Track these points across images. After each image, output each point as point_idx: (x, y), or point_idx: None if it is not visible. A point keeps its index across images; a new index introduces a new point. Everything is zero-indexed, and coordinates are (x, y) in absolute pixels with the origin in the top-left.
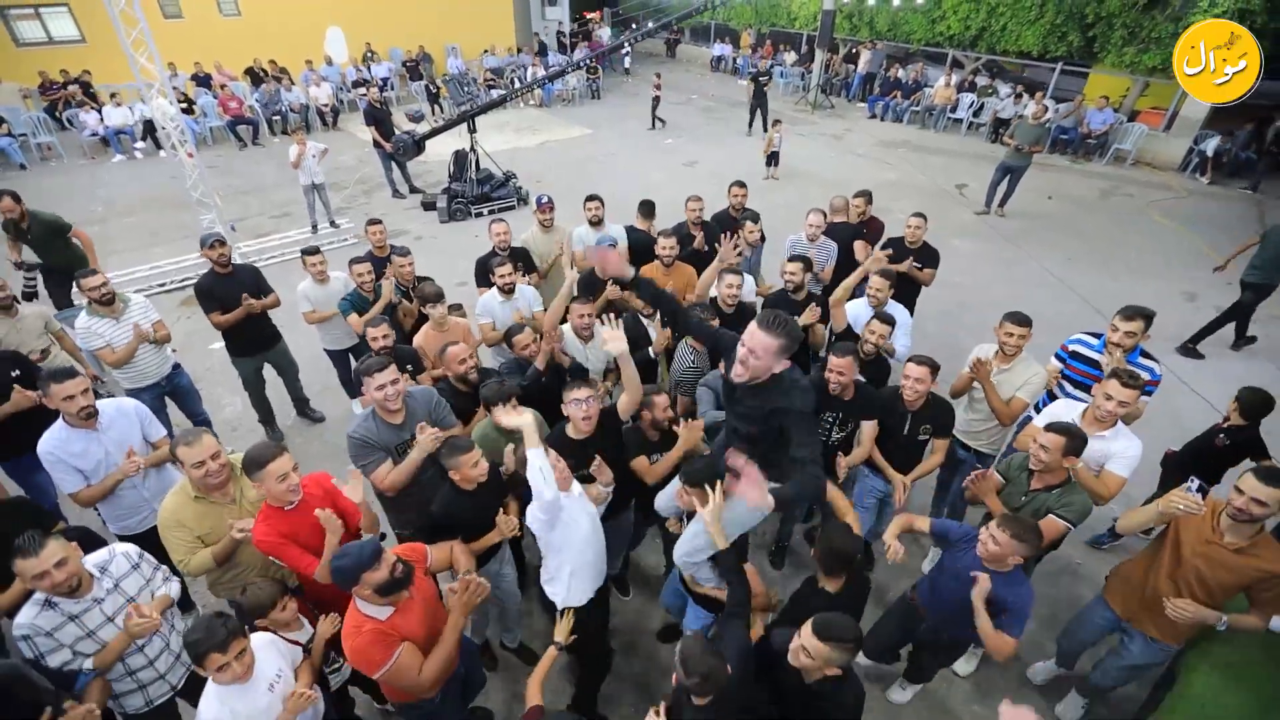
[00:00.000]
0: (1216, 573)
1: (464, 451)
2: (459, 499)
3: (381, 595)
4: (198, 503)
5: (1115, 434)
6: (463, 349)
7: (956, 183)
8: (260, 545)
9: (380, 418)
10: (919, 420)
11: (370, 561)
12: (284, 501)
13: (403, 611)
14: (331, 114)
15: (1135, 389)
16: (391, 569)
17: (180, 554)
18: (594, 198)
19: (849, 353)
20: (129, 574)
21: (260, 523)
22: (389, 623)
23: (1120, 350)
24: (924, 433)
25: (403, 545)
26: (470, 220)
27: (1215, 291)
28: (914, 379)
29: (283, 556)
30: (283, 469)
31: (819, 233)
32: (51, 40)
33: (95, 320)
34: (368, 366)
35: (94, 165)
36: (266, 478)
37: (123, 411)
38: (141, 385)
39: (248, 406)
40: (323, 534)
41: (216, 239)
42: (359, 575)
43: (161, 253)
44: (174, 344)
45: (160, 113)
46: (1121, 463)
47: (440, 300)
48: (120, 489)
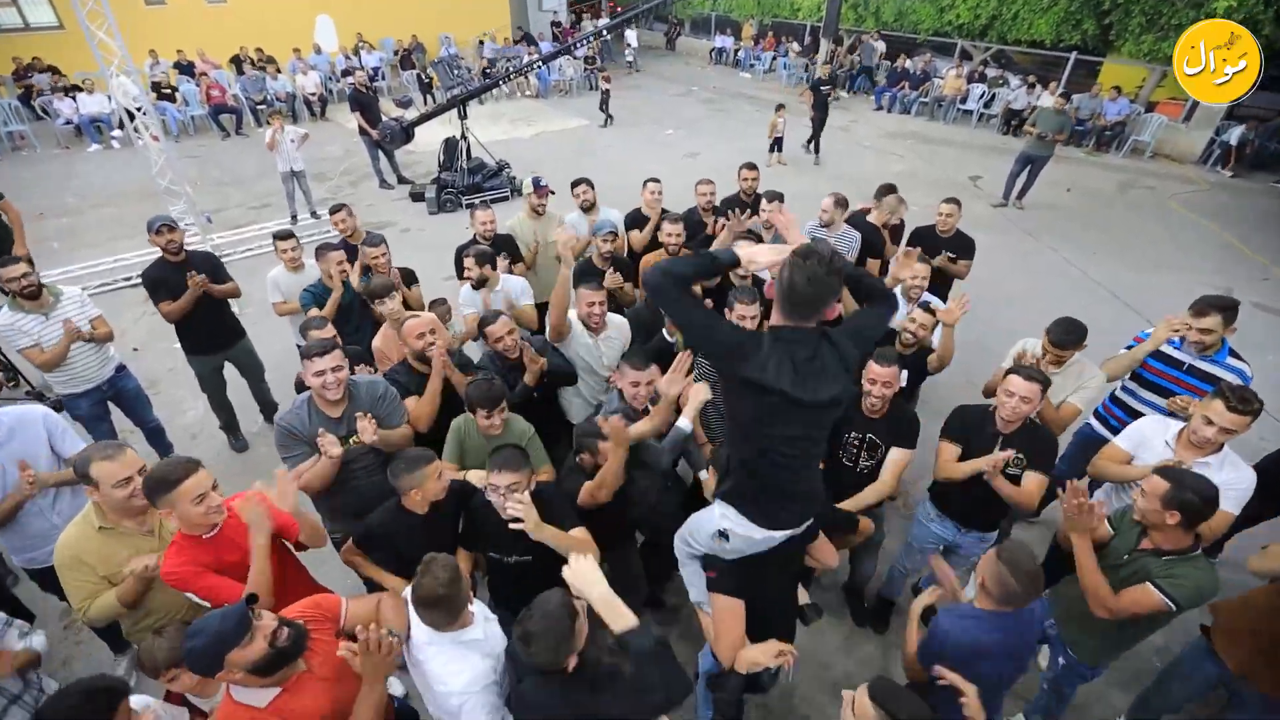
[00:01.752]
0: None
1: (425, 463)
2: (402, 519)
3: (261, 675)
4: (104, 535)
5: (1222, 462)
6: (422, 323)
7: (970, 174)
8: (169, 580)
9: (316, 407)
10: (1009, 446)
11: (235, 636)
12: (202, 527)
13: (294, 690)
14: (319, 103)
15: (1247, 415)
16: (272, 637)
17: (78, 599)
18: (580, 182)
19: (894, 360)
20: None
21: (171, 554)
22: (272, 708)
23: (1199, 348)
24: (1016, 464)
25: (305, 602)
26: (460, 211)
27: (1247, 286)
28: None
29: (199, 590)
30: (198, 488)
31: (832, 218)
32: (28, 26)
33: (19, 316)
34: (309, 349)
35: (69, 155)
36: (179, 500)
37: (25, 421)
38: (79, 390)
39: (210, 411)
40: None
41: (165, 223)
42: (221, 657)
43: (130, 245)
44: (136, 342)
45: (122, 93)
46: (1230, 497)
47: (389, 294)
48: (23, 515)
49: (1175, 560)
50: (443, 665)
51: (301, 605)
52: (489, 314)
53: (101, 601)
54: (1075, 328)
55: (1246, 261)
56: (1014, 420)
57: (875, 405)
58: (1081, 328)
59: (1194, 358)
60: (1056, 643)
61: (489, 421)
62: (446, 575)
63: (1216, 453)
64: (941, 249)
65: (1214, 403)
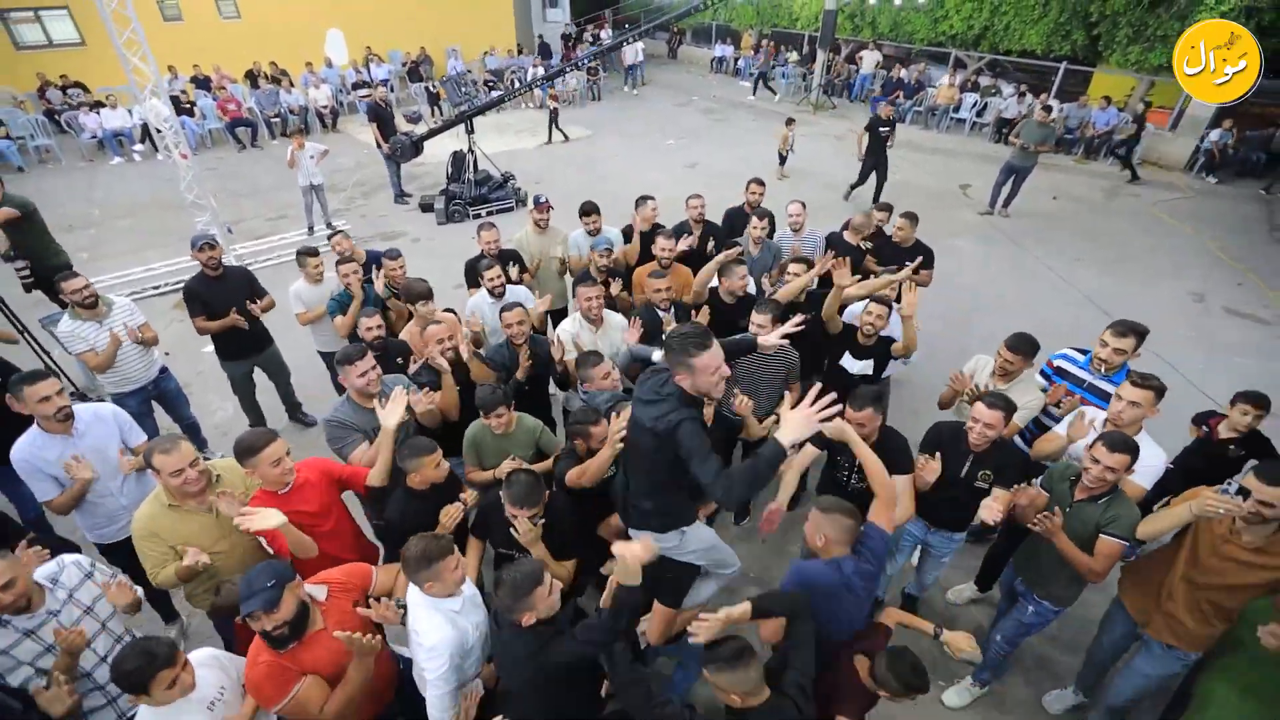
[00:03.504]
0: (1235, 574)
1: (427, 453)
2: (411, 502)
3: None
4: (172, 511)
5: (1139, 442)
6: (443, 329)
7: (960, 183)
8: None
9: (355, 403)
10: (980, 465)
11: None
12: (279, 485)
13: (308, 643)
14: (331, 116)
15: (1148, 389)
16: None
17: (151, 565)
18: (589, 212)
19: (869, 403)
20: (82, 583)
21: (254, 504)
22: (288, 656)
23: (1105, 367)
24: (983, 479)
25: (344, 569)
26: (468, 222)
27: (1224, 292)
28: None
29: (271, 538)
30: (276, 454)
31: (800, 223)
32: (51, 43)
33: (78, 324)
34: (347, 354)
35: (92, 168)
36: (260, 463)
37: (100, 417)
38: (126, 390)
39: (239, 411)
40: (318, 516)
41: (207, 241)
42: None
43: (155, 255)
44: (166, 347)
45: (154, 114)
46: (1144, 473)
47: (428, 298)
48: (97, 497)
49: (1106, 503)
50: (423, 621)
51: (340, 571)
52: (509, 304)
53: (165, 572)
54: (1029, 341)
55: (1224, 268)
56: (982, 443)
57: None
58: (1034, 343)
59: (1095, 377)
60: (1028, 596)
61: (499, 421)
62: (423, 544)
63: (1136, 434)
64: (904, 259)
65: (1124, 384)
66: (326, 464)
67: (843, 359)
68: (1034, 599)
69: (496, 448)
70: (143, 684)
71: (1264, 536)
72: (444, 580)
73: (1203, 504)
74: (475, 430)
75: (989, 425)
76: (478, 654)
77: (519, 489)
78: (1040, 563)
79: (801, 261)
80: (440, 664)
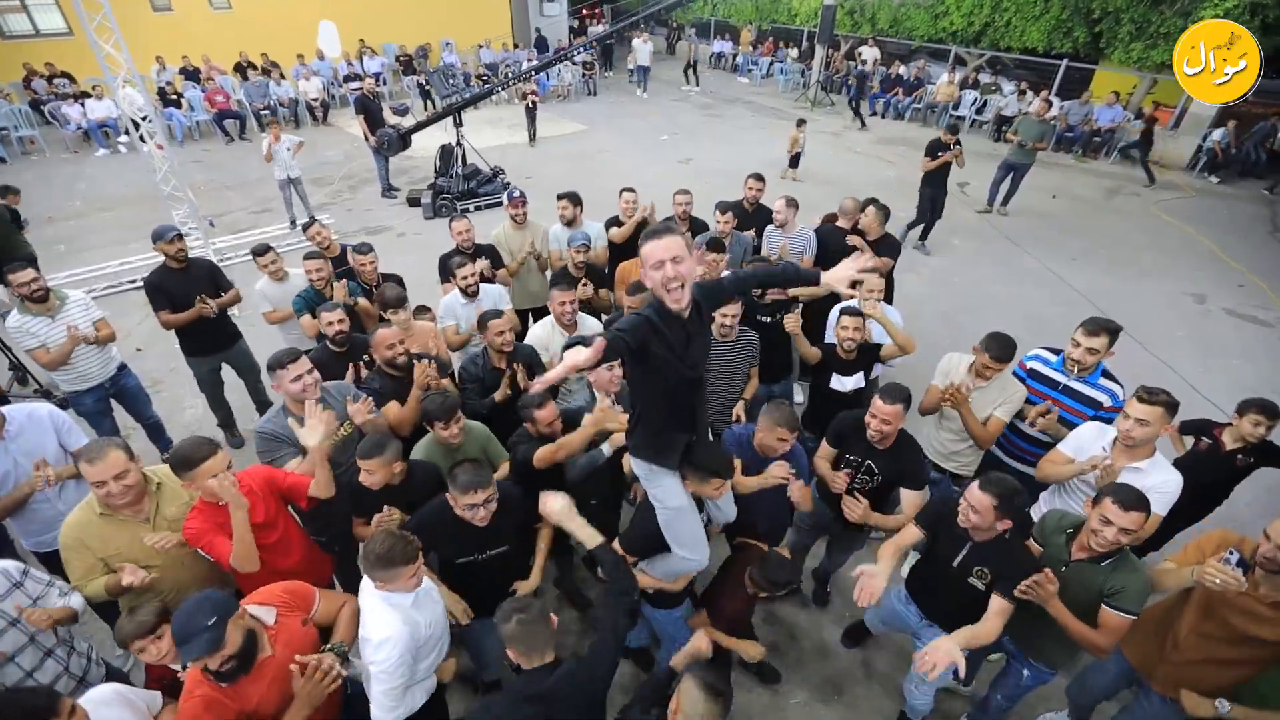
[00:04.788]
0: (1251, 629)
1: (383, 450)
2: (367, 496)
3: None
4: (104, 520)
5: (1152, 466)
6: (393, 333)
7: (958, 181)
8: (188, 537)
9: (290, 413)
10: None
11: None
12: (217, 496)
13: (254, 676)
14: (321, 109)
15: (1155, 405)
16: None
17: (77, 577)
18: (563, 197)
19: (899, 399)
20: (9, 593)
21: (193, 517)
22: (229, 691)
23: (1078, 368)
24: (979, 576)
25: (282, 586)
26: (457, 217)
27: (1224, 293)
28: (879, 417)
29: (211, 550)
30: (215, 468)
31: (784, 220)
32: (39, 33)
33: (28, 319)
34: (278, 358)
35: (76, 159)
36: (198, 477)
37: (34, 418)
38: (83, 388)
39: (208, 409)
40: (263, 527)
41: (175, 233)
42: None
43: (136, 249)
44: (139, 343)
45: (128, 104)
46: (1158, 499)
47: (402, 305)
48: (33, 503)
49: (1111, 566)
50: (373, 614)
51: (280, 589)
52: (492, 310)
53: (92, 586)
54: (1009, 343)
55: (1224, 268)
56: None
57: (875, 436)
58: (1013, 344)
59: (1070, 378)
60: (1019, 658)
61: (448, 432)
62: (389, 544)
63: (1149, 457)
64: (874, 251)
65: (1130, 400)
66: (270, 472)
67: (831, 381)
68: (1027, 662)
69: (448, 462)
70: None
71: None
72: (400, 583)
73: (1203, 573)
74: (424, 450)
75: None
76: (433, 655)
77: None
78: (1031, 626)
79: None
80: (387, 657)
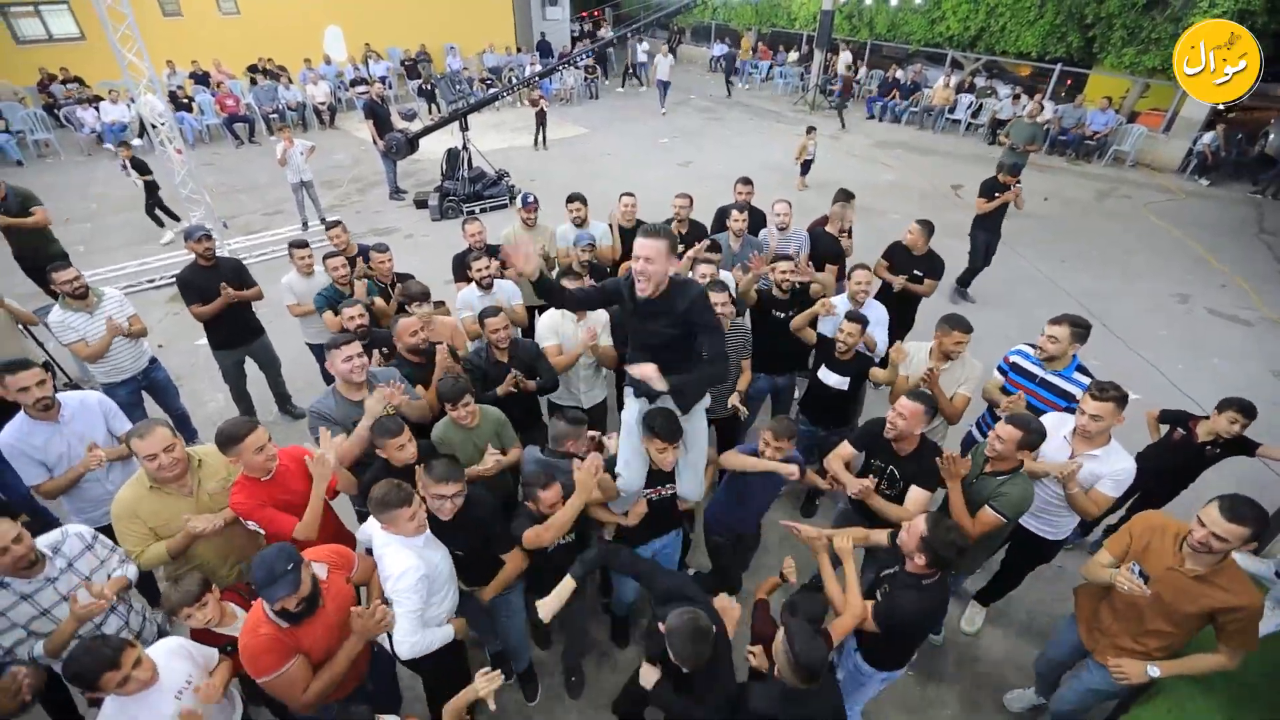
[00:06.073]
0: (1178, 601)
1: (392, 435)
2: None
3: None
4: (153, 494)
5: (1108, 453)
6: (414, 321)
7: (952, 184)
8: (237, 509)
9: (340, 394)
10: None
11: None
12: (262, 472)
13: (309, 622)
14: (329, 112)
15: (1106, 401)
16: (298, 598)
17: (131, 546)
18: (575, 199)
19: (924, 401)
20: (82, 554)
21: (237, 491)
22: (289, 632)
23: (1044, 355)
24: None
25: (329, 547)
26: (462, 219)
27: (1208, 293)
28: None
29: (259, 519)
30: (258, 441)
31: (786, 222)
32: (52, 38)
33: (69, 314)
34: (335, 339)
35: (91, 162)
36: (243, 451)
37: (85, 405)
38: (117, 380)
39: (230, 402)
40: (298, 503)
41: (204, 233)
42: (271, 582)
43: (152, 250)
44: (160, 340)
45: (149, 109)
46: (1111, 483)
47: (425, 298)
48: (83, 482)
49: (1005, 479)
50: (390, 558)
51: (327, 550)
52: (489, 309)
53: (154, 549)
54: (962, 317)
55: (1210, 270)
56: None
57: (890, 430)
58: (965, 321)
59: (1045, 371)
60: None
61: (459, 413)
62: (383, 491)
63: (1105, 445)
64: (912, 267)
65: (1084, 397)
66: (304, 453)
67: (820, 371)
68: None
69: (465, 443)
70: (90, 684)
71: (1208, 565)
72: (399, 527)
73: (1116, 578)
74: (441, 430)
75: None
76: (443, 596)
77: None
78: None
79: (785, 259)
80: (408, 584)
